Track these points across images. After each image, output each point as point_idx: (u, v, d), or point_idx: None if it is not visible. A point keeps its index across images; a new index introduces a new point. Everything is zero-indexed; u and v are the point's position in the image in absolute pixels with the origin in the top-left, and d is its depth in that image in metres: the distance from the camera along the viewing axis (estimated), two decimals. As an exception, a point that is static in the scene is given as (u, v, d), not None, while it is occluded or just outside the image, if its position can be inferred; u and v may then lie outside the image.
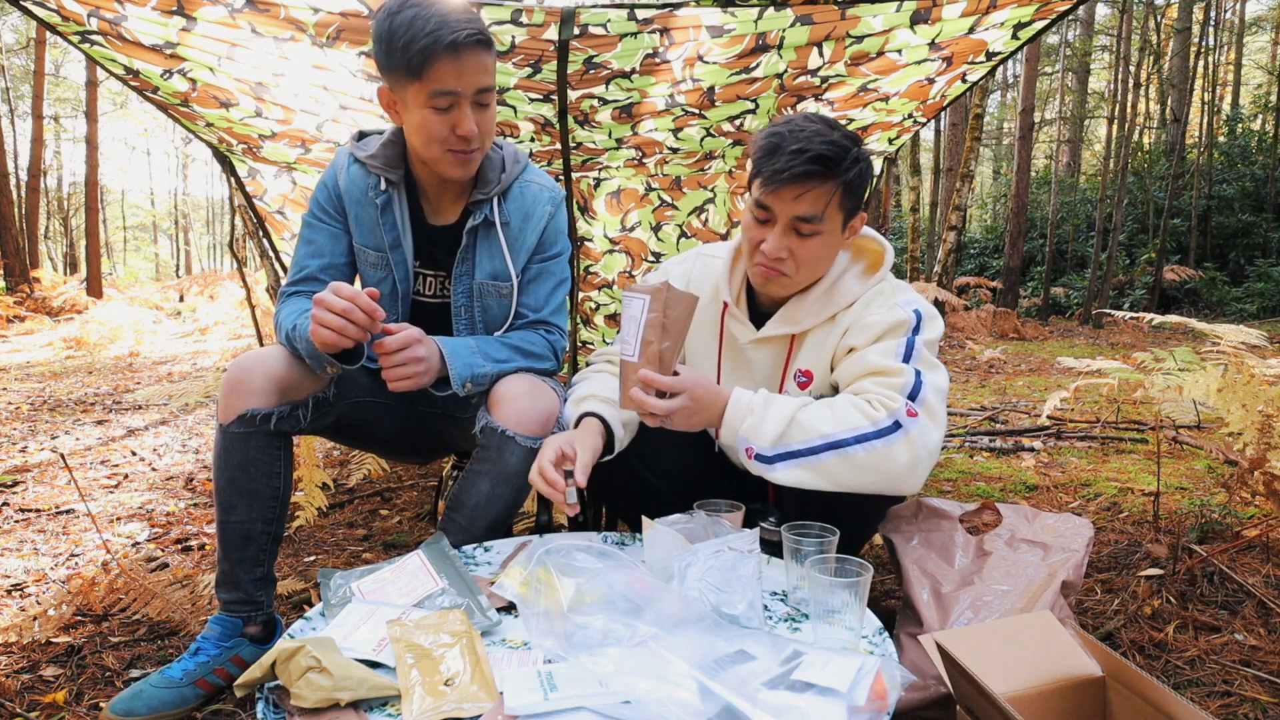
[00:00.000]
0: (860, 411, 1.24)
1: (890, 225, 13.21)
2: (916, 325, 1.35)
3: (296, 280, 1.55)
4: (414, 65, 1.32)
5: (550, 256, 1.63)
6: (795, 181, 1.28)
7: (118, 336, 8.88)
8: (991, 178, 26.48)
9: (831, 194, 1.30)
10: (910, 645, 1.36)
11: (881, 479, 1.24)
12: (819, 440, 1.24)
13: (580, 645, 0.98)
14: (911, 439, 1.22)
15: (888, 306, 1.38)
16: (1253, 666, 1.46)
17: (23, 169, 16.13)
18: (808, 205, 1.30)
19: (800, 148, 1.27)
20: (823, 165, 1.27)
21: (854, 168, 1.30)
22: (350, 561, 2.23)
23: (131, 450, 3.75)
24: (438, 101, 1.35)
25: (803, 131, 1.29)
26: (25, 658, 1.63)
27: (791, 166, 1.27)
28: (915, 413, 1.23)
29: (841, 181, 1.29)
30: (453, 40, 1.30)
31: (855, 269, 1.46)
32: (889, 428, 1.22)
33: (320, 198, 1.56)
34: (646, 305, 1.23)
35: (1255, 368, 1.74)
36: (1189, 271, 12.65)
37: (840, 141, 1.29)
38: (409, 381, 1.38)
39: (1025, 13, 1.95)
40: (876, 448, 1.21)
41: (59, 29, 1.87)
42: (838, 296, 1.42)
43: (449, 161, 1.43)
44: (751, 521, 1.40)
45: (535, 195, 1.60)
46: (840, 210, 1.33)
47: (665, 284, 1.23)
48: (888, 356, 1.31)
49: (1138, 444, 3.36)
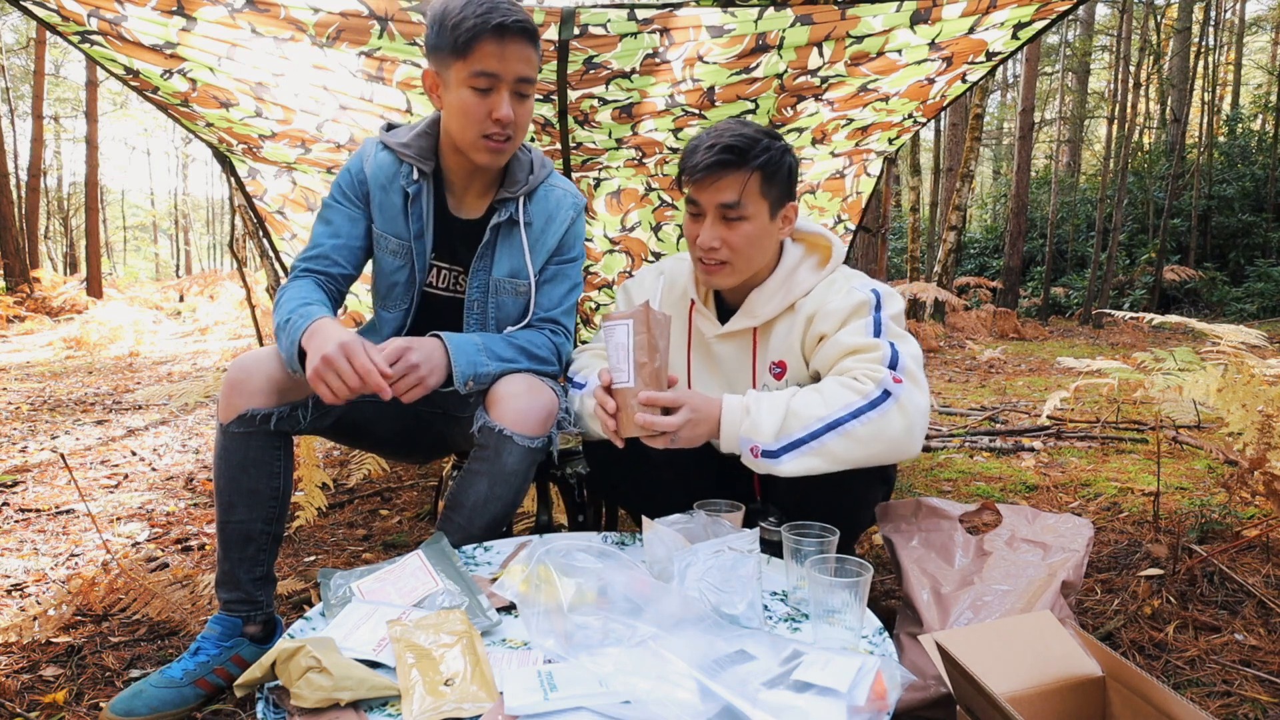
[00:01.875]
0: (849, 389, 1.30)
1: (890, 225, 13.20)
2: (877, 303, 1.43)
3: (310, 257, 1.54)
4: (460, 44, 1.36)
5: (567, 260, 1.65)
6: (710, 171, 1.40)
7: (118, 336, 8.88)
8: (991, 178, 26.49)
9: (746, 179, 1.40)
10: (910, 645, 1.36)
11: (884, 448, 1.29)
12: (817, 424, 1.28)
13: (580, 645, 0.98)
14: (902, 404, 1.28)
15: (846, 291, 1.46)
16: (1253, 666, 1.46)
17: (23, 169, 16.14)
18: (727, 192, 1.40)
19: (712, 143, 1.40)
20: (733, 154, 1.39)
21: (764, 155, 1.40)
22: (350, 561, 2.23)
23: (131, 450, 3.75)
24: (478, 82, 1.39)
25: (717, 130, 1.43)
26: (25, 658, 1.63)
27: (705, 159, 1.39)
28: (900, 379, 1.30)
29: (753, 167, 1.39)
30: (500, 23, 1.35)
31: (809, 262, 1.55)
32: (879, 398, 1.28)
33: (343, 182, 1.57)
34: (631, 329, 1.26)
35: (1255, 368, 1.74)
36: (1189, 271, 12.66)
37: (751, 134, 1.41)
38: (417, 390, 1.39)
39: (1025, 13, 1.95)
40: (873, 419, 1.27)
41: (59, 29, 1.87)
42: (794, 287, 1.51)
43: (483, 147, 1.45)
44: (751, 521, 1.40)
45: (559, 200, 1.63)
46: (763, 198, 1.43)
47: (645, 305, 1.27)
48: (860, 335, 1.39)
49: (1138, 444, 3.36)
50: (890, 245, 15.08)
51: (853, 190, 3.00)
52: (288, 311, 1.41)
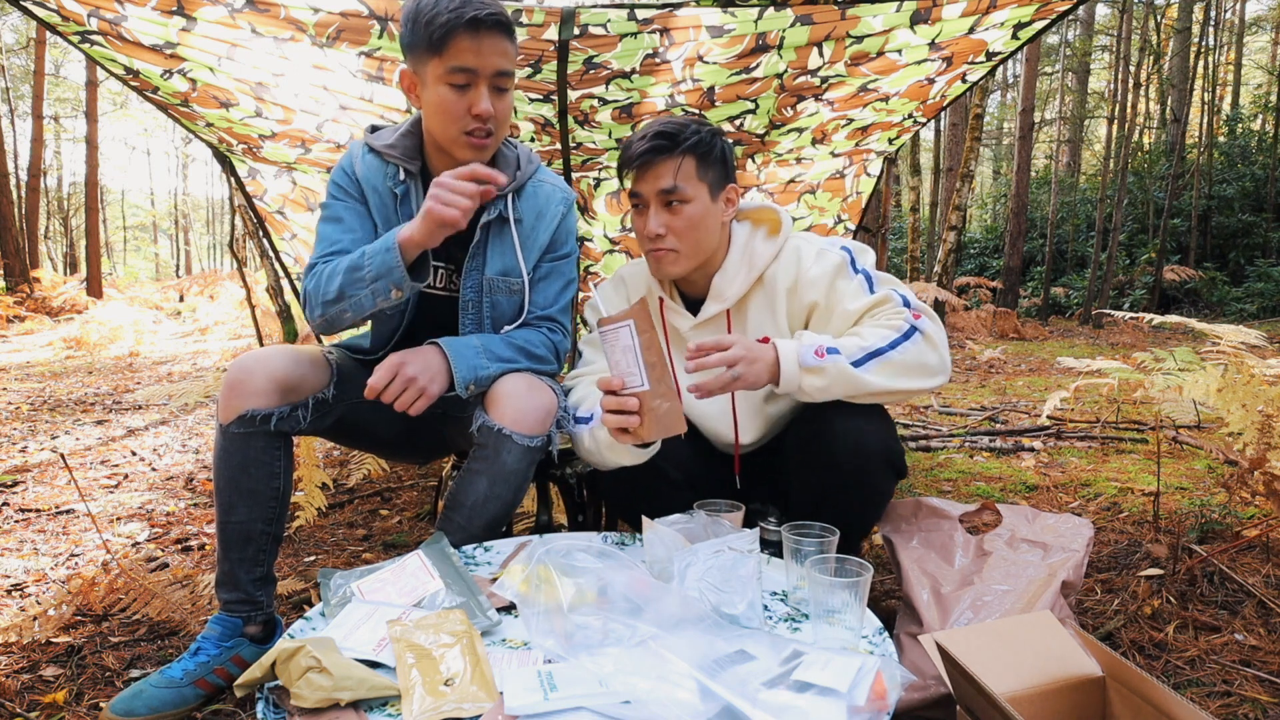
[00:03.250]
0: (882, 327, 1.39)
1: (890, 225, 13.20)
2: (852, 259, 1.49)
3: (327, 254, 1.50)
4: (435, 40, 1.35)
5: (560, 256, 1.65)
6: (644, 159, 1.45)
7: (118, 336, 8.89)
8: (991, 178, 26.48)
9: (679, 163, 1.44)
10: (910, 645, 1.36)
11: (923, 372, 1.38)
12: (860, 353, 1.36)
13: (580, 645, 0.98)
14: (929, 335, 1.38)
15: (817, 253, 1.51)
16: (1253, 666, 1.46)
17: (23, 169, 16.14)
18: (664, 178, 1.44)
19: (643, 133, 1.46)
20: (664, 138, 1.44)
21: (694, 137, 1.45)
22: (350, 561, 2.23)
23: (131, 450, 3.75)
24: (456, 78, 1.38)
25: (648, 124, 1.49)
26: (25, 658, 1.63)
27: (639, 148, 1.45)
28: (919, 314, 1.40)
29: (685, 150, 1.44)
30: (474, 17, 1.34)
31: (759, 233, 1.58)
32: (909, 331, 1.38)
33: (340, 180, 1.56)
34: (634, 329, 1.24)
35: (1255, 368, 1.74)
36: (1189, 271, 12.65)
37: (681, 121, 1.47)
38: (421, 401, 1.40)
39: (1025, 13, 1.95)
40: (909, 349, 1.36)
41: (59, 29, 1.87)
42: (754, 259, 1.53)
43: (465, 144, 1.44)
44: (751, 521, 1.40)
45: (548, 195, 1.62)
46: (701, 180, 1.46)
47: (642, 302, 1.27)
48: (860, 296, 1.45)
49: (1138, 444, 3.36)
50: (890, 245, 15.06)
51: (853, 190, 3.00)
52: (348, 262, 1.40)
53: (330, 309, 1.44)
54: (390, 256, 1.35)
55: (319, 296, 1.44)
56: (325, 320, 1.47)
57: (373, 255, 1.37)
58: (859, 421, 1.40)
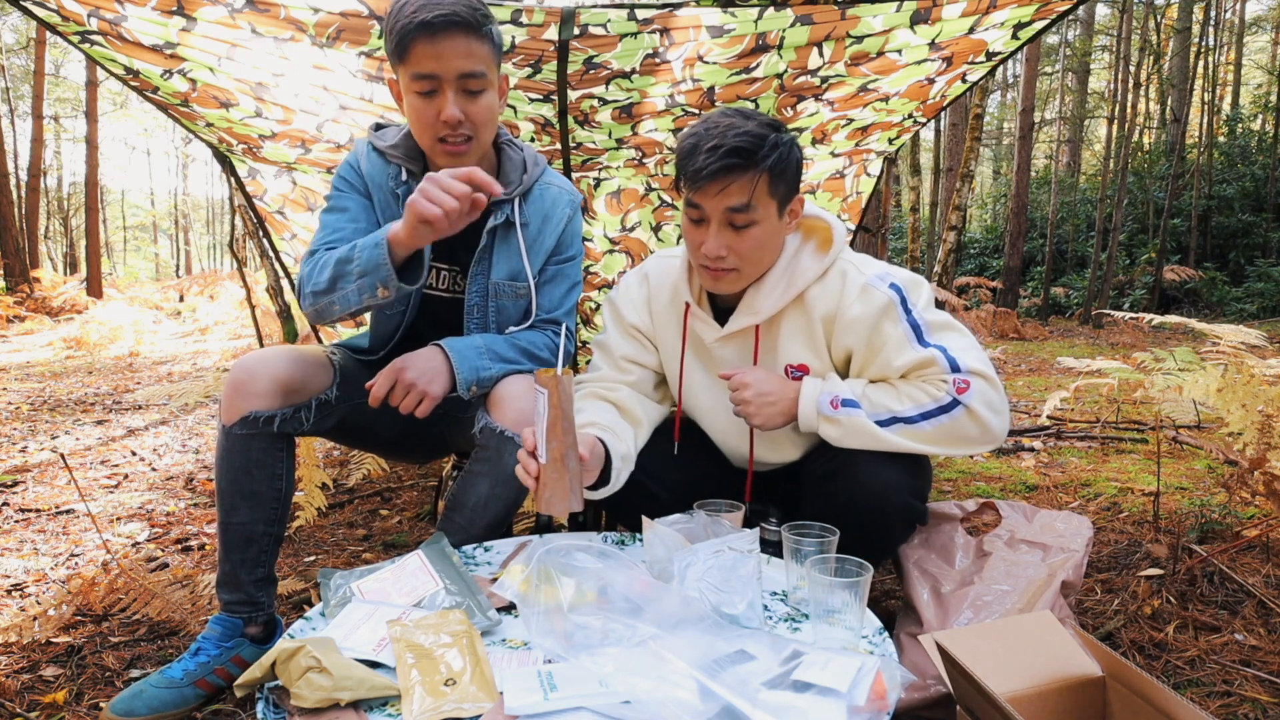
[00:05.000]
0: (922, 391, 1.31)
1: (890, 225, 13.20)
2: (903, 300, 1.35)
3: (328, 242, 1.47)
4: (398, 48, 1.32)
5: (566, 259, 1.64)
6: (716, 177, 1.27)
7: (118, 336, 8.88)
8: (991, 178, 26.48)
9: (754, 182, 1.28)
10: (910, 645, 1.36)
11: (958, 443, 1.31)
12: (885, 414, 1.31)
13: (580, 645, 0.98)
14: (972, 410, 1.28)
15: (860, 290, 1.36)
16: (1253, 666, 1.46)
17: (23, 169, 16.14)
18: (734, 197, 1.29)
19: (716, 144, 1.26)
20: (740, 157, 1.26)
21: (773, 153, 1.28)
22: (350, 561, 2.23)
23: (131, 450, 3.75)
24: (419, 85, 1.34)
25: (717, 127, 1.29)
26: (25, 658, 1.63)
27: (709, 164, 1.26)
28: (967, 383, 1.29)
29: (763, 169, 1.28)
30: (425, 21, 1.27)
31: (808, 247, 1.44)
32: (949, 404, 1.29)
33: (346, 174, 1.54)
34: (546, 402, 1.12)
35: (1255, 368, 1.74)
36: (1189, 271, 12.64)
37: (756, 130, 1.28)
38: (425, 404, 1.39)
39: (1025, 13, 1.94)
40: (943, 422, 1.29)
41: (59, 29, 1.87)
42: (796, 277, 1.40)
43: (439, 152, 1.41)
44: (751, 521, 1.40)
45: (555, 198, 1.60)
46: (771, 197, 1.32)
47: (568, 373, 1.13)
48: (905, 351, 1.33)
49: (1138, 444, 3.36)
50: (890, 245, 15.05)
51: (853, 190, 3.00)
52: (340, 254, 1.34)
53: (320, 299, 1.39)
54: (379, 252, 1.28)
55: (310, 284, 1.41)
56: (315, 311, 1.42)
57: (363, 249, 1.32)
58: (883, 469, 1.32)
